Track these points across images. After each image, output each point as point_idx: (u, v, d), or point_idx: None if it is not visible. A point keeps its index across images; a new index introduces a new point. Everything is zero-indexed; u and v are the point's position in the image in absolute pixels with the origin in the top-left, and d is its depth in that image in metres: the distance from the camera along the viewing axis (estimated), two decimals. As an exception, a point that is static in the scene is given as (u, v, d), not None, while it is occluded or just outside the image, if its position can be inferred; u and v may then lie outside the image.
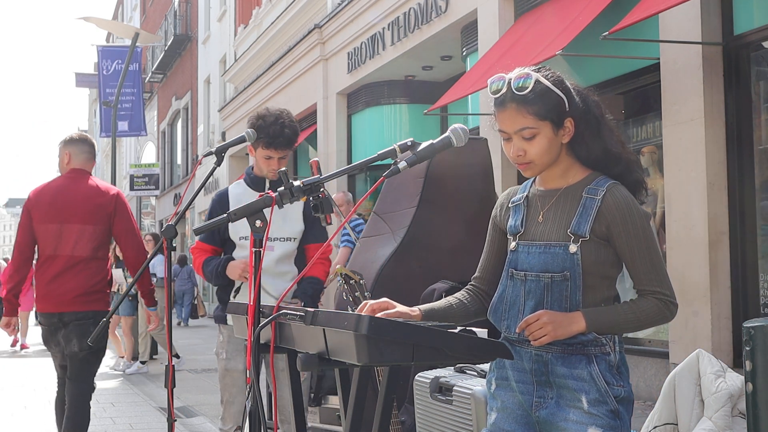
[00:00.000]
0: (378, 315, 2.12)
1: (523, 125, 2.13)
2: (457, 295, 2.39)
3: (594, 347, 2.15)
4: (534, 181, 2.32)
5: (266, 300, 3.72)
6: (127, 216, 4.62)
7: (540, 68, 2.21)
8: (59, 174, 4.78)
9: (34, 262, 4.67)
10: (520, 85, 2.13)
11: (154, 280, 10.02)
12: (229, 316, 3.88)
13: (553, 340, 2.11)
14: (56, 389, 4.91)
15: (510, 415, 2.25)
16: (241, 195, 3.89)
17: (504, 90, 2.15)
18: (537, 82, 2.13)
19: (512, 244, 2.26)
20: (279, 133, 3.75)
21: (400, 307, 2.19)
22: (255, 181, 3.96)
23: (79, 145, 4.76)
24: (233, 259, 3.85)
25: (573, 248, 2.14)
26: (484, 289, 2.39)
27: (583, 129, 2.19)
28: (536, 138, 2.14)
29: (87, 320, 4.47)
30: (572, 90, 2.20)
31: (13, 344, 14.14)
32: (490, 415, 2.32)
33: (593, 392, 2.13)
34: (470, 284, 2.42)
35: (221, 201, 3.91)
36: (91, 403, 5.01)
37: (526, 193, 2.31)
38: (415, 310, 2.23)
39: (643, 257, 2.15)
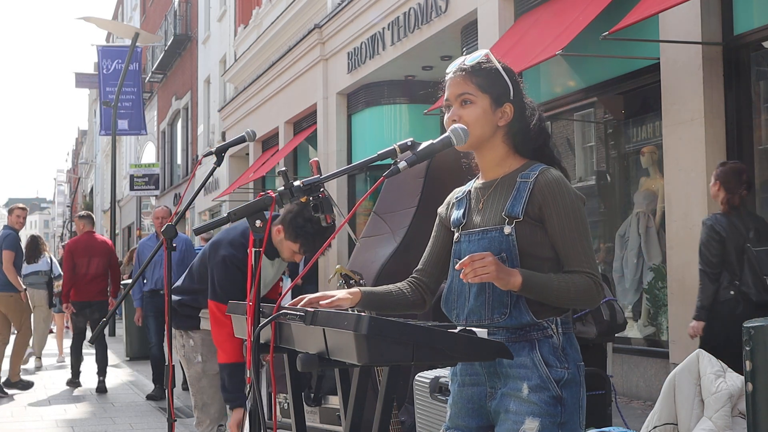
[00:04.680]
0: (322, 303, 2.18)
1: (464, 90, 2.26)
2: (399, 284, 2.42)
3: (536, 332, 2.17)
4: (477, 178, 2.38)
5: None
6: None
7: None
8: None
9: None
10: (472, 59, 2.28)
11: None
12: (203, 321, 3.88)
13: (492, 280, 2.08)
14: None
15: (461, 410, 2.29)
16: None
17: (457, 66, 2.31)
18: (488, 60, 2.28)
19: (456, 236, 2.33)
20: (320, 245, 3.65)
21: (339, 293, 2.24)
22: (268, 252, 3.83)
23: (89, 219, 9.45)
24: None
25: (507, 230, 2.19)
26: (425, 281, 2.42)
27: (523, 121, 2.28)
28: (472, 105, 2.25)
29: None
30: (520, 88, 2.32)
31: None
32: (447, 412, 2.35)
33: (535, 378, 2.14)
34: (412, 276, 2.44)
35: (243, 267, 3.69)
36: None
37: (469, 188, 2.38)
38: (355, 290, 2.28)
39: (573, 237, 2.17)
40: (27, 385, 9.10)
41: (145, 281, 8.45)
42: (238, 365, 3.71)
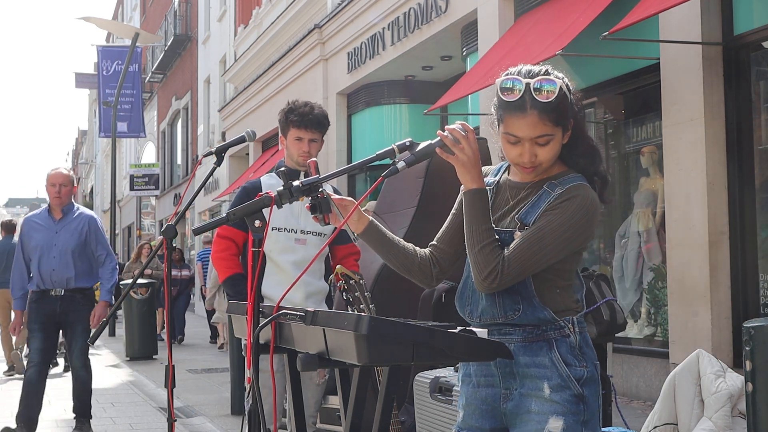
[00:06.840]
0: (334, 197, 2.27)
1: (543, 132, 2.09)
2: (417, 247, 2.36)
3: (553, 331, 2.15)
4: (506, 168, 2.30)
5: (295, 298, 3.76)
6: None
7: (548, 68, 2.16)
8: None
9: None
10: (546, 91, 2.07)
11: None
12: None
13: (455, 164, 2.12)
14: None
15: (475, 411, 2.27)
16: (275, 186, 3.85)
17: (523, 94, 2.08)
18: (560, 89, 2.09)
19: None
20: (309, 112, 3.93)
21: (354, 205, 2.26)
22: (289, 174, 3.90)
23: None
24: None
25: (517, 235, 2.13)
26: (436, 255, 2.33)
27: (577, 128, 2.19)
28: (550, 143, 2.11)
29: None
30: (572, 92, 2.18)
31: None
32: (459, 414, 2.33)
33: (555, 377, 2.13)
34: (428, 248, 2.37)
35: (253, 192, 3.82)
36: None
37: (497, 179, 2.30)
38: (366, 217, 2.29)
39: (533, 232, 2.09)
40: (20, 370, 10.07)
41: (31, 276, 6.15)
42: (235, 276, 3.87)
